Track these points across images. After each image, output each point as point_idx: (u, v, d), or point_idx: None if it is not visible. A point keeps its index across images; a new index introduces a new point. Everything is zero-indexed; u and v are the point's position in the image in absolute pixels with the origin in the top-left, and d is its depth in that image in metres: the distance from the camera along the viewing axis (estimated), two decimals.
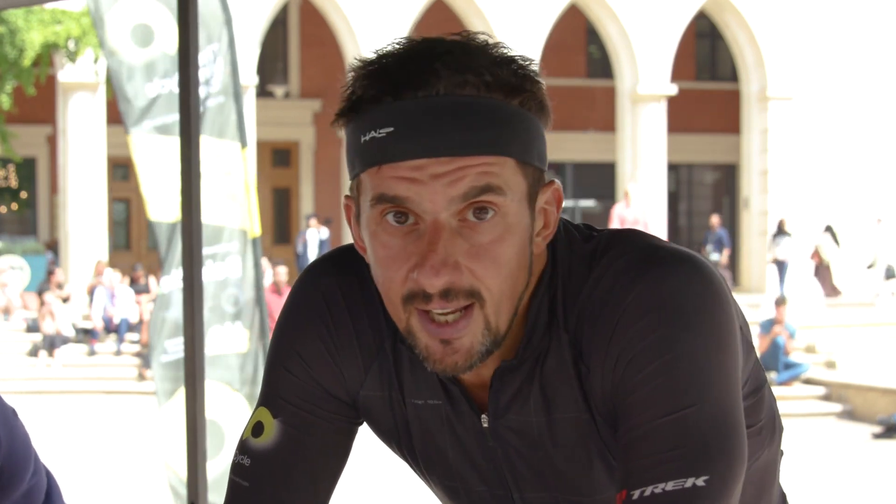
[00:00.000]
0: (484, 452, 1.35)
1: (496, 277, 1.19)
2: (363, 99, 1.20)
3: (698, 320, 1.21)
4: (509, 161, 1.19)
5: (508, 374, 1.29)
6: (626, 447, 1.21)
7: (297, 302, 1.39)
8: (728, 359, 1.23)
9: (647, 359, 1.20)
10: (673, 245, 1.28)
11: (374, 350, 1.36)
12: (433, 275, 1.16)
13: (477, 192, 1.17)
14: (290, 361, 1.37)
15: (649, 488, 1.16)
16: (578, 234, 1.32)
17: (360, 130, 1.20)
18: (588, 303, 1.26)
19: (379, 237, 1.21)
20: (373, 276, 1.26)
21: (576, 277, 1.28)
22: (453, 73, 1.17)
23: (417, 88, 1.17)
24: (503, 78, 1.19)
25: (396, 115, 1.17)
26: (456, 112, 1.17)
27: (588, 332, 1.25)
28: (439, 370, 1.23)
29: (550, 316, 1.28)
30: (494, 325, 1.21)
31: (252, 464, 1.37)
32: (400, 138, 1.17)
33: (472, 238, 1.18)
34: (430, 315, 1.20)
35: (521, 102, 1.20)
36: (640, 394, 1.20)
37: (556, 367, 1.28)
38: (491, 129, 1.18)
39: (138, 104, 5.52)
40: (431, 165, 1.17)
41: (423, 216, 1.18)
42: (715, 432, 1.18)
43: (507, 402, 1.30)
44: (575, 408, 1.28)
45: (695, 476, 1.16)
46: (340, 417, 1.39)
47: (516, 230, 1.21)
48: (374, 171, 1.19)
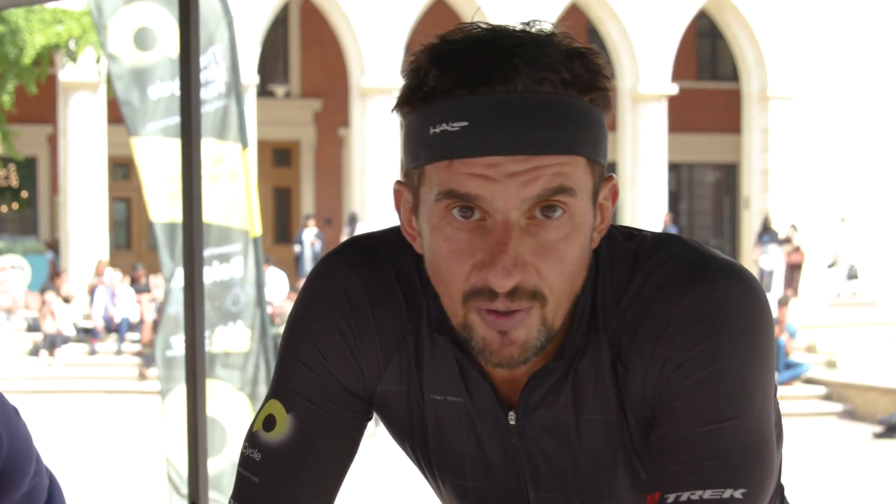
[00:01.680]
0: (504, 451, 1.34)
1: (560, 276, 1.18)
2: (435, 90, 1.16)
3: (748, 334, 1.21)
4: (581, 160, 1.18)
5: (548, 374, 1.27)
6: (662, 451, 1.20)
7: (315, 292, 1.35)
8: (770, 374, 1.24)
9: (696, 366, 1.20)
10: (720, 254, 1.28)
11: (395, 343, 1.34)
12: (504, 275, 1.15)
13: (551, 192, 1.15)
14: (307, 354, 1.34)
15: (685, 494, 1.16)
16: (617, 232, 1.31)
17: (429, 121, 1.17)
18: (631, 304, 1.25)
19: (443, 230, 1.19)
20: (428, 268, 1.24)
21: (618, 278, 1.27)
22: (532, 70, 1.15)
23: (495, 83, 1.15)
24: (579, 74, 1.17)
25: (472, 109, 1.15)
26: (533, 110, 1.15)
27: (630, 334, 1.25)
28: (494, 362, 1.21)
29: (591, 315, 1.27)
30: (551, 322, 1.20)
31: (263, 458, 1.35)
32: (474, 134, 1.15)
33: (539, 236, 1.17)
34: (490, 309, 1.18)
35: (592, 100, 1.19)
36: (685, 400, 1.20)
37: (592, 366, 1.27)
38: (566, 128, 1.16)
39: (141, 108, 5.53)
40: (507, 164, 1.14)
41: (492, 213, 1.16)
42: (755, 446, 1.19)
43: (538, 400, 1.29)
44: (606, 409, 1.28)
45: (733, 488, 1.16)
46: (354, 414, 1.36)
47: (582, 229, 1.20)
48: (443, 164, 1.17)
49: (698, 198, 27.48)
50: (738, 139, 24.04)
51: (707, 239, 26.63)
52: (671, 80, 22.17)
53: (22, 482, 1.84)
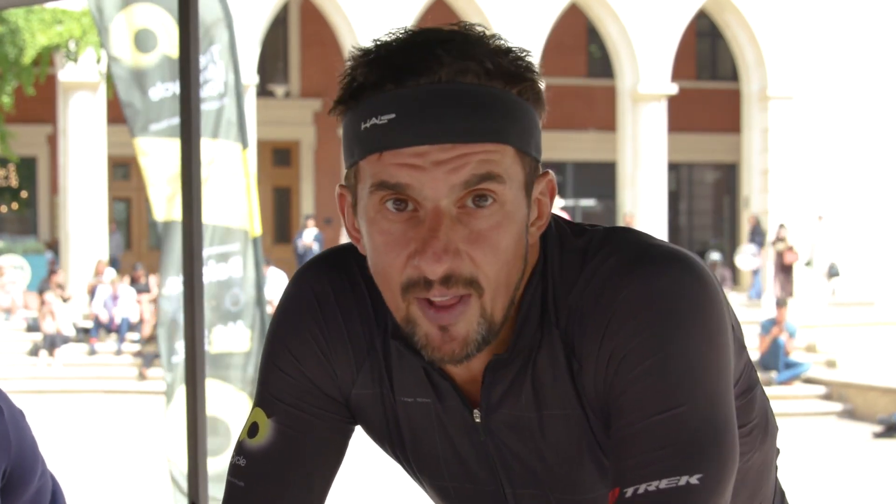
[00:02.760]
0: (475, 449, 1.35)
1: (494, 264, 1.19)
2: (364, 86, 1.19)
3: (690, 319, 1.21)
4: (509, 149, 1.19)
5: (501, 368, 1.28)
6: (618, 445, 1.21)
7: (290, 301, 1.39)
8: (720, 358, 1.23)
9: (639, 357, 1.20)
10: (666, 243, 1.28)
11: (366, 348, 1.36)
12: (435, 261, 1.16)
13: (478, 179, 1.17)
14: (283, 361, 1.37)
15: (643, 486, 1.16)
16: (569, 229, 1.32)
17: (360, 118, 1.20)
18: (580, 300, 1.26)
19: (378, 224, 1.21)
20: (370, 266, 1.26)
21: (567, 273, 1.28)
22: (455, 60, 1.17)
23: (420, 75, 1.17)
24: (504, 66, 1.19)
25: (398, 101, 1.17)
26: (458, 99, 1.17)
27: (579, 330, 1.25)
28: (437, 358, 1.22)
29: (542, 311, 1.28)
30: (490, 313, 1.21)
31: (247, 464, 1.37)
32: (402, 125, 1.17)
33: (471, 224, 1.18)
34: (429, 301, 1.20)
35: (519, 92, 1.21)
36: (633, 392, 1.20)
37: (548, 362, 1.28)
38: (492, 116, 1.18)
39: (143, 109, 5.54)
40: (433, 152, 1.16)
41: (423, 203, 1.18)
42: (707, 431, 1.18)
43: (499, 397, 1.30)
44: (567, 404, 1.28)
45: (688, 474, 1.16)
46: (334, 416, 1.38)
47: (514, 218, 1.21)
48: (374, 158, 1.19)
49: (698, 198, 27.48)
50: (738, 139, 24.04)
51: (707, 239, 26.65)
52: (671, 80, 22.16)
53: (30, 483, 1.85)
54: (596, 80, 25.38)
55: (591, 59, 25.82)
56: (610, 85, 23.19)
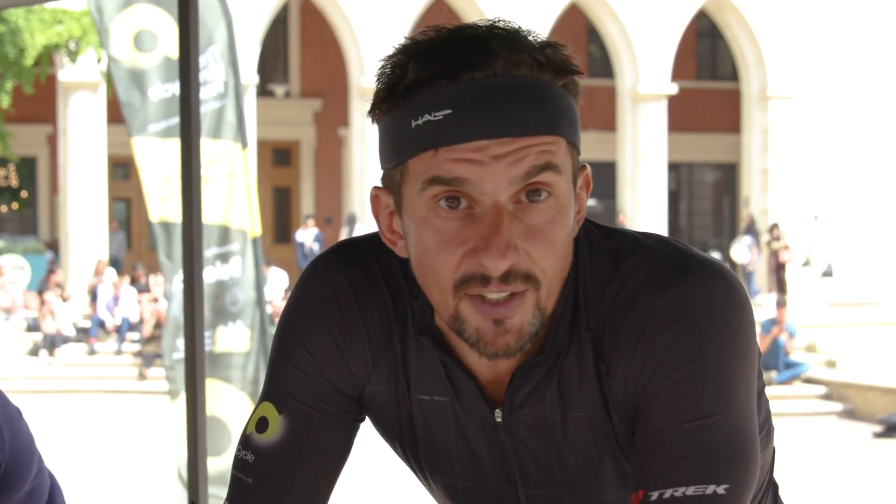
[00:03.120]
0: (492, 448, 1.34)
1: (550, 258, 1.19)
2: (416, 82, 1.17)
3: (727, 331, 1.22)
4: (562, 141, 1.19)
5: (531, 370, 1.28)
6: (645, 449, 1.21)
7: (304, 294, 1.37)
8: (751, 370, 1.24)
9: (675, 365, 1.20)
10: (701, 253, 1.29)
11: (383, 344, 1.35)
12: (499, 257, 1.15)
13: (538, 170, 1.16)
14: (297, 356, 1.35)
15: (669, 491, 1.17)
16: (596, 230, 1.32)
17: (410, 115, 1.17)
18: (613, 303, 1.25)
19: (430, 222, 1.19)
20: (414, 266, 1.24)
21: (599, 275, 1.28)
22: (508, 53, 1.16)
23: (475, 69, 1.16)
24: (552, 58, 1.19)
25: (454, 96, 1.15)
26: (514, 92, 1.16)
27: (611, 333, 1.25)
28: (490, 353, 1.21)
29: (574, 312, 1.28)
30: (544, 306, 1.20)
31: (256, 460, 1.36)
32: (458, 120, 1.15)
33: (527, 219, 1.17)
34: (483, 297, 1.19)
35: (564, 84, 1.21)
36: (666, 398, 1.20)
37: (576, 365, 1.28)
38: (547, 109, 1.17)
39: (141, 110, 5.54)
40: (492, 147, 1.15)
41: (480, 199, 1.16)
42: (737, 442, 1.19)
43: (523, 398, 1.30)
44: (592, 407, 1.28)
45: (716, 484, 1.17)
46: (346, 414, 1.37)
47: (567, 212, 1.21)
48: (427, 155, 1.17)
49: (698, 197, 27.48)
50: (738, 139, 24.04)
51: (707, 238, 26.64)
52: (671, 80, 22.16)
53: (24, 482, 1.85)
54: (596, 79, 25.37)
55: (591, 58, 25.82)
56: (610, 85, 23.20)
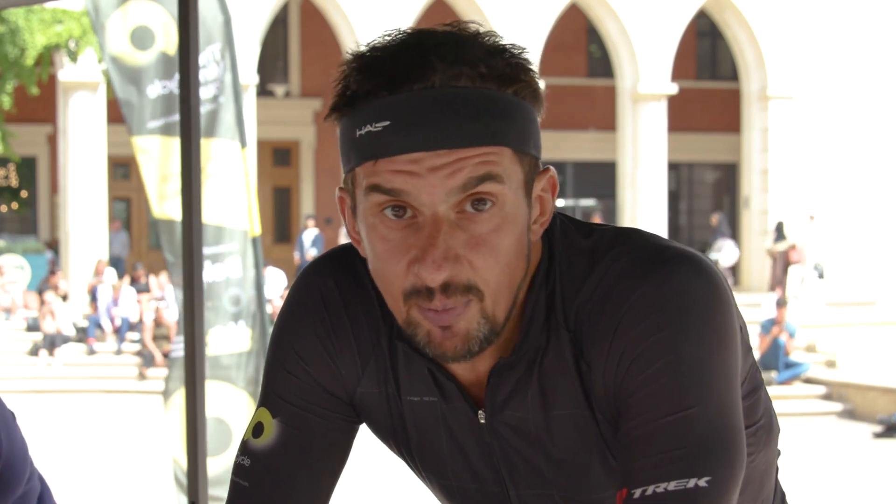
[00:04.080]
0: (480, 449, 1.35)
1: (494, 268, 1.19)
2: (358, 93, 1.19)
3: (702, 322, 1.21)
4: (507, 151, 1.19)
5: (507, 371, 1.28)
6: (627, 446, 1.21)
7: (295, 301, 1.39)
8: (729, 360, 1.23)
9: (650, 359, 1.20)
10: (678, 245, 1.28)
11: (371, 347, 1.36)
12: (434, 269, 1.16)
13: (476, 181, 1.17)
14: (288, 360, 1.38)
15: (651, 487, 1.17)
16: (576, 229, 1.32)
17: (356, 124, 1.19)
18: (590, 300, 1.25)
19: (377, 230, 1.21)
20: (370, 270, 1.26)
21: (576, 273, 1.28)
22: (448, 65, 1.17)
23: (413, 81, 1.17)
24: (497, 68, 1.19)
25: (392, 108, 1.17)
26: (452, 104, 1.16)
27: (589, 330, 1.25)
28: (439, 355, 1.22)
29: (549, 311, 1.28)
30: (492, 314, 1.21)
31: (252, 464, 1.37)
32: (396, 132, 1.17)
33: (470, 229, 1.18)
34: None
35: (515, 91, 1.20)
36: (643, 393, 1.20)
37: (556, 363, 1.28)
38: (488, 120, 1.17)
39: (140, 107, 5.52)
40: (429, 158, 1.16)
41: (421, 209, 1.17)
42: (717, 433, 1.18)
43: (504, 399, 1.30)
44: (575, 405, 1.28)
45: (697, 477, 1.16)
46: (339, 416, 1.38)
47: (514, 220, 1.20)
48: (370, 164, 1.19)
49: (698, 197, 27.47)
50: (738, 139, 24.04)
51: (707, 239, 26.64)
52: (671, 80, 22.15)
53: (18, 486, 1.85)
54: (596, 79, 25.39)
55: (591, 58, 25.82)
56: (610, 85, 23.19)
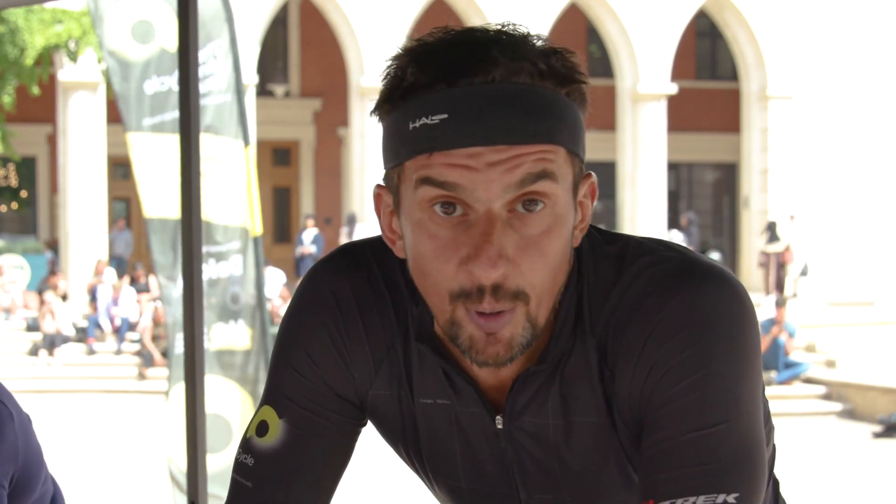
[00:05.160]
0: (493, 454, 1.34)
1: (541, 272, 1.18)
2: (415, 85, 1.17)
3: (731, 338, 1.21)
4: (561, 150, 1.18)
5: (532, 378, 1.27)
6: (653, 457, 1.20)
7: (306, 299, 1.36)
8: (756, 377, 1.24)
9: (682, 373, 1.20)
10: (705, 258, 1.28)
11: (385, 348, 1.34)
12: (490, 266, 1.14)
13: (533, 178, 1.15)
14: (299, 360, 1.35)
15: (679, 500, 1.16)
16: (600, 235, 1.31)
17: (409, 117, 1.17)
18: (617, 308, 1.25)
19: (425, 227, 1.18)
20: (411, 269, 1.23)
21: (603, 280, 1.27)
22: (509, 61, 1.16)
23: (474, 75, 1.15)
24: (555, 67, 1.18)
25: (451, 101, 1.15)
26: (512, 100, 1.15)
27: (615, 338, 1.25)
28: (481, 361, 1.20)
29: (576, 318, 1.27)
30: (535, 318, 1.20)
31: (255, 464, 1.35)
32: (455, 125, 1.15)
33: (521, 230, 1.16)
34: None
35: (568, 93, 1.20)
36: (673, 407, 1.20)
37: (579, 370, 1.27)
38: (546, 117, 1.16)
39: (136, 103, 5.50)
40: (487, 154, 1.14)
41: (474, 206, 1.16)
42: (744, 450, 1.19)
43: (524, 405, 1.29)
44: (595, 412, 1.28)
45: (726, 492, 1.16)
46: (346, 419, 1.37)
47: (564, 222, 1.20)
48: (423, 158, 1.17)
49: (698, 197, 27.47)
50: (738, 139, 24.03)
51: (707, 238, 26.64)
52: (671, 80, 22.16)
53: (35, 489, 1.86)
54: (596, 79, 25.30)
55: (591, 58, 25.81)
56: (610, 85, 23.19)
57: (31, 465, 1.84)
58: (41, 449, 1.89)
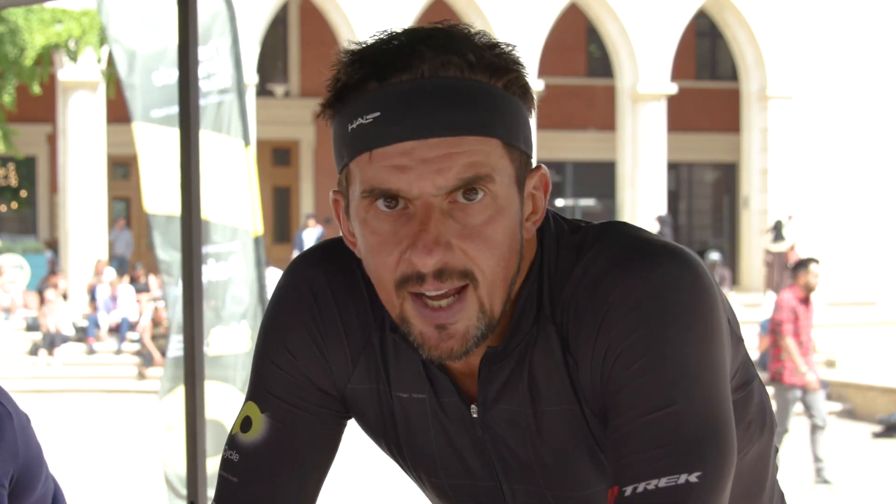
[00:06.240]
0: (473, 444, 1.34)
1: (489, 258, 1.18)
2: (348, 86, 1.19)
3: (685, 315, 1.20)
4: (496, 143, 1.19)
5: (496, 362, 1.28)
6: (615, 443, 1.20)
7: (284, 294, 1.38)
8: (716, 353, 1.22)
9: (634, 355, 1.20)
10: (660, 238, 1.27)
11: (362, 342, 1.35)
12: (426, 253, 1.15)
13: (464, 183, 1.17)
14: (278, 355, 1.36)
15: (641, 485, 1.16)
16: (566, 225, 1.31)
17: (347, 119, 1.19)
18: (574, 295, 1.25)
19: (369, 224, 1.20)
20: (365, 268, 1.25)
21: (562, 268, 1.27)
22: (436, 55, 1.17)
23: (402, 71, 1.17)
24: (487, 59, 1.19)
25: (382, 99, 1.17)
26: (441, 93, 1.16)
27: (574, 326, 1.25)
28: (435, 357, 1.22)
29: (538, 306, 1.27)
30: (489, 308, 1.20)
31: (240, 459, 1.36)
32: (387, 122, 1.16)
33: (463, 219, 1.17)
34: (424, 300, 1.19)
35: (505, 85, 1.20)
36: (629, 390, 1.20)
37: (544, 358, 1.27)
38: (477, 109, 1.17)
39: (144, 92, 5.46)
40: (420, 149, 1.16)
41: (412, 200, 1.17)
42: (705, 428, 1.18)
43: (496, 392, 1.29)
44: (563, 400, 1.28)
45: (687, 472, 1.16)
46: (329, 412, 1.37)
47: (506, 212, 1.20)
48: (363, 158, 1.18)
49: (697, 197, 27.46)
50: (738, 138, 24.02)
51: (706, 238, 26.63)
52: (670, 80, 22.15)
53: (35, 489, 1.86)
54: (596, 79, 25.37)
55: (591, 58, 25.80)
56: (609, 84, 23.19)
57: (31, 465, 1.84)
58: (41, 448, 1.89)
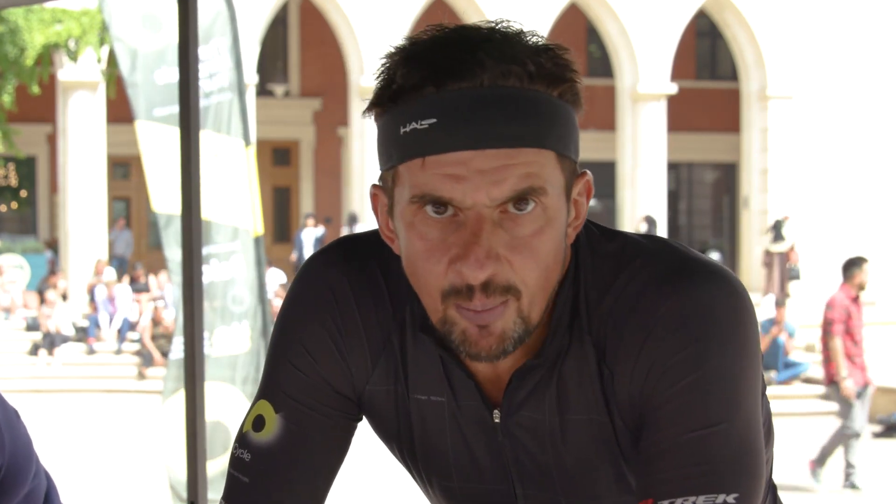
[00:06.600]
0: (490, 448, 1.34)
1: (534, 270, 1.18)
2: (403, 88, 1.17)
3: (731, 336, 1.21)
4: (550, 154, 1.18)
5: (530, 372, 1.27)
6: (652, 457, 1.20)
7: (303, 292, 1.36)
8: (756, 376, 1.24)
9: (680, 372, 1.20)
10: (703, 256, 1.28)
11: (382, 343, 1.34)
12: (477, 267, 1.15)
13: (519, 195, 1.16)
14: (296, 355, 1.35)
15: (679, 500, 1.16)
16: (599, 232, 1.32)
17: (399, 121, 1.18)
18: (615, 307, 1.25)
19: (416, 228, 1.19)
20: (405, 268, 1.24)
21: (600, 278, 1.27)
22: (497, 63, 1.16)
23: (461, 79, 1.15)
24: (545, 68, 1.18)
25: (440, 106, 1.15)
26: (500, 104, 1.15)
27: (614, 337, 1.25)
28: (474, 354, 1.21)
29: (573, 315, 1.27)
30: (527, 314, 1.20)
31: (252, 459, 1.35)
32: (443, 130, 1.15)
33: (512, 230, 1.17)
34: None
35: (560, 94, 1.19)
36: (672, 406, 1.20)
37: (576, 367, 1.27)
38: (534, 121, 1.16)
39: (146, 91, 5.45)
40: (476, 159, 1.15)
41: (464, 209, 1.17)
42: (744, 449, 1.19)
43: (522, 399, 1.29)
44: (592, 410, 1.28)
45: (726, 492, 1.16)
46: (343, 414, 1.37)
47: (555, 223, 1.20)
48: (416, 163, 1.17)
49: (697, 197, 27.46)
50: (738, 138, 24.03)
51: (706, 238, 26.63)
52: (670, 80, 22.15)
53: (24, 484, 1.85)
54: (595, 79, 25.36)
55: (591, 58, 25.80)
56: (609, 84, 23.18)
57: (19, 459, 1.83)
58: (31, 443, 1.88)
